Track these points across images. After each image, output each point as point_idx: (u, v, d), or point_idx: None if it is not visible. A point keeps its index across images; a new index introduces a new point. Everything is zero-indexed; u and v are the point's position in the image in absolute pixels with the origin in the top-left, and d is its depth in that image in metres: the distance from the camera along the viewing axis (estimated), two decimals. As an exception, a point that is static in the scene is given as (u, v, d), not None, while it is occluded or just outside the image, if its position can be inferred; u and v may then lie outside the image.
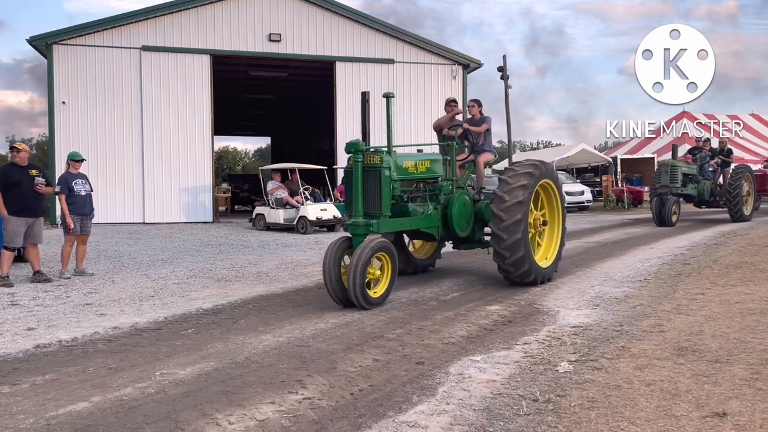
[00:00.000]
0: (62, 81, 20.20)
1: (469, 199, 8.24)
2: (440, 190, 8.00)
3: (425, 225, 7.68)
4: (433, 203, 7.86)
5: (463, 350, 4.99)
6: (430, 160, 7.87)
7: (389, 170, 6.96)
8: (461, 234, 8.05)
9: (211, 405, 3.83)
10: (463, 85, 24.58)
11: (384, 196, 6.89)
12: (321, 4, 22.62)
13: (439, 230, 7.92)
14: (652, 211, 16.96)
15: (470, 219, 8.17)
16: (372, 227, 6.67)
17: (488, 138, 9.14)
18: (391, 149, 7.13)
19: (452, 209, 7.88)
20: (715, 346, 4.93)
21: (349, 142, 6.79)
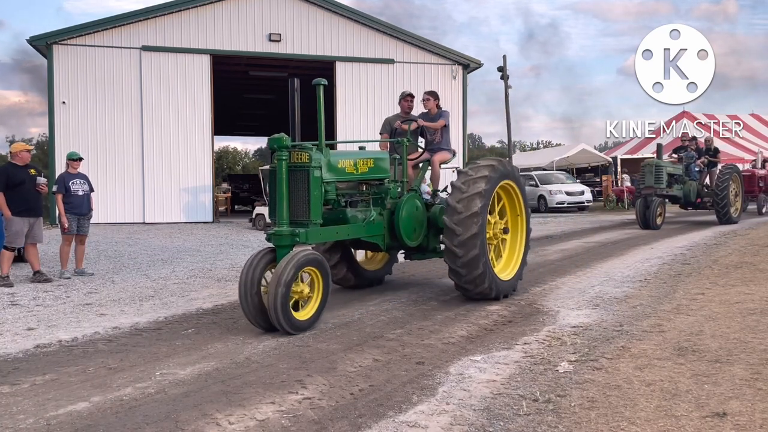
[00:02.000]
0: (62, 81, 20.21)
1: (421, 203, 7.25)
2: (387, 193, 6.94)
3: (366, 233, 6.66)
4: (378, 208, 6.81)
5: (463, 350, 4.99)
6: (373, 158, 6.81)
7: (320, 170, 5.94)
8: (410, 243, 7.05)
9: (211, 405, 3.83)
10: (463, 85, 24.58)
11: (313, 200, 5.85)
12: (321, 4, 22.62)
13: (385, 239, 6.89)
14: (636, 214, 16.25)
15: (422, 226, 7.19)
16: (299, 237, 5.67)
17: (446, 135, 8.23)
18: (322, 146, 6.12)
19: (399, 215, 6.85)
20: (715, 346, 4.93)
21: (271, 138, 5.81)
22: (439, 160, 8.04)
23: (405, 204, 6.95)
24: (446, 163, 8.16)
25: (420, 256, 7.50)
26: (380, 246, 6.92)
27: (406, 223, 6.95)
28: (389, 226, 6.91)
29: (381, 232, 6.82)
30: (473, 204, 6.49)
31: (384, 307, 6.75)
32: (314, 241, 6.03)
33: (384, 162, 6.98)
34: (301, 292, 5.61)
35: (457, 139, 24.75)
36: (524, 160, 40.38)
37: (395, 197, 7.02)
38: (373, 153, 7.01)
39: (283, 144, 5.78)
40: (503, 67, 33.97)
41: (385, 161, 6.99)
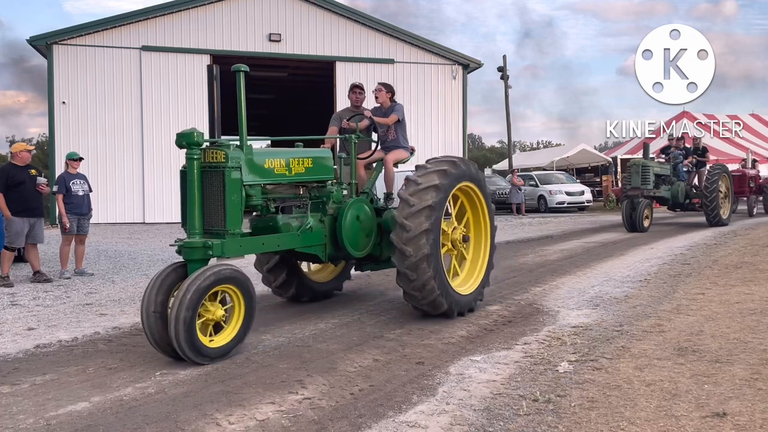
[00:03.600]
0: (62, 81, 20.22)
1: (370, 208, 6.44)
2: (328, 197, 6.15)
3: (302, 244, 5.80)
4: (318, 214, 6.03)
5: (463, 350, 4.99)
6: (312, 157, 5.94)
7: (239, 171, 5.10)
8: (356, 253, 6.25)
9: (211, 405, 3.83)
10: (463, 85, 24.60)
11: (230, 206, 5.01)
12: (321, 4, 22.64)
13: (327, 249, 6.08)
14: (622, 216, 15.52)
15: (371, 233, 6.38)
16: (212, 250, 4.87)
17: (401, 131, 7.34)
18: (243, 142, 5.30)
19: (342, 221, 6.07)
20: (715, 346, 4.93)
21: (179, 133, 4.96)
22: (392, 160, 7.17)
23: (349, 209, 6.15)
24: (403, 162, 7.36)
25: (373, 266, 6.76)
26: (321, 257, 6.10)
27: (351, 230, 6.15)
28: (332, 234, 6.12)
29: (321, 242, 6.01)
30: (427, 196, 5.77)
31: (384, 307, 6.75)
32: (233, 255, 5.09)
33: (326, 161, 6.13)
34: (213, 314, 4.75)
35: (458, 140, 24.83)
36: (524, 160, 40.40)
37: (339, 201, 6.22)
38: (311, 151, 6.07)
39: (193, 140, 4.93)
40: (503, 67, 34.01)
41: (326, 160, 6.15)
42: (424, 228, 5.65)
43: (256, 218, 5.77)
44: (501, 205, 25.90)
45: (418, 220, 5.66)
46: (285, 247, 5.74)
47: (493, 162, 55.26)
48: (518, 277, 8.68)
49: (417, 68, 23.92)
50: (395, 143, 7.28)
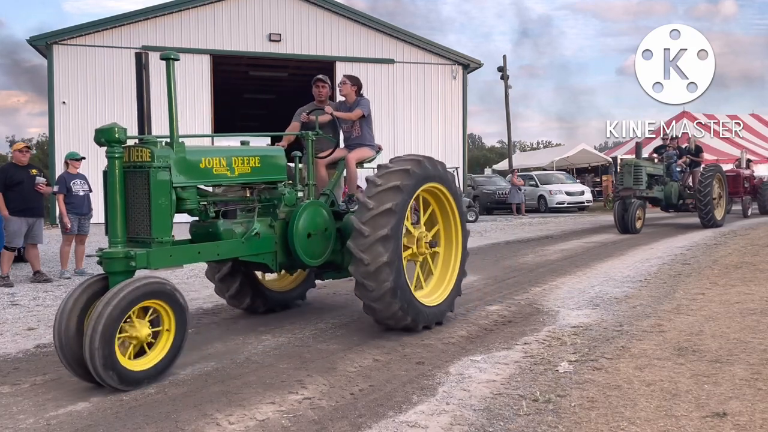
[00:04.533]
0: (62, 81, 20.22)
1: (327, 211, 5.84)
2: (280, 199, 5.51)
3: (247, 252, 5.21)
4: (267, 219, 5.44)
5: (463, 350, 4.99)
6: (260, 156, 5.38)
7: (167, 171, 4.57)
8: (311, 262, 5.63)
9: (211, 405, 3.83)
10: (463, 85, 24.62)
11: (156, 211, 4.47)
12: (321, 4, 22.65)
13: (278, 257, 5.48)
14: (614, 217, 15.15)
15: (328, 239, 5.79)
16: (135, 261, 4.33)
17: (367, 128, 6.78)
18: (174, 139, 4.80)
19: (294, 227, 5.45)
20: (715, 346, 4.93)
21: (98, 129, 4.60)
22: (355, 159, 6.56)
23: (303, 213, 5.54)
24: (368, 161, 6.77)
25: (334, 275, 6.17)
26: (270, 266, 5.52)
27: (304, 236, 5.53)
28: (283, 240, 5.51)
29: (270, 249, 5.40)
30: (387, 198, 5.24)
31: (384, 307, 6.74)
32: (161, 265, 4.60)
33: (276, 160, 5.58)
34: (137, 333, 4.21)
35: (458, 140, 24.84)
36: (524, 160, 40.41)
37: (292, 204, 5.59)
38: (259, 149, 5.55)
39: (113, 137, 4.48)
40: (503, 66, 34.02)
41: (277, 159, 5.60)
42: (383, 233, 5.10)
43: (194, 224, 5.22)
44: (501, 205, 25.93)
45: (377, 225, 5.14)
46: (226, 256, 5.15)
47: (493, 162, 55.26)
48: (518, 277, 8.68)
49: (417, 68, 23.93)
50: (359, 141, 6.72)
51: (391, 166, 5.51)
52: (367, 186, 5.42)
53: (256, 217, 5.33)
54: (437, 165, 5.83)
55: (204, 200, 5.06)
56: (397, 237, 5.25)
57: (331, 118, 6.49)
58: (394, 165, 5.53)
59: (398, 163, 5.58)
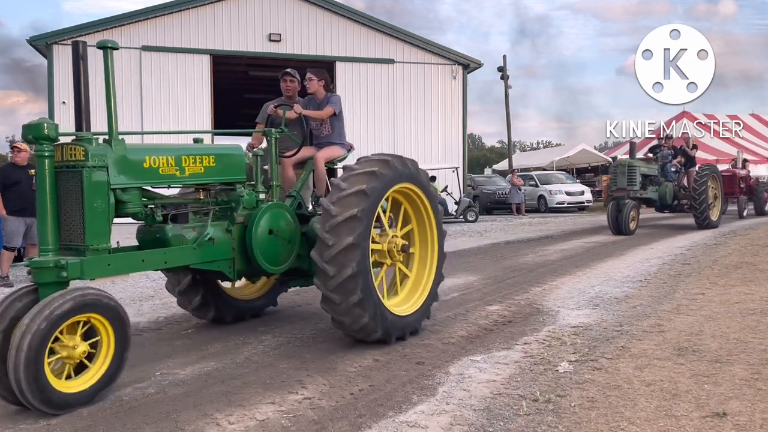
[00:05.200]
0: (62, 81, 20.22)
1: (291, 214, 5.43)
2: (238, 201, 5.12)
3: (200, 259, 4.76)
4: (223, 223, 5.03)
5: (463, 350, 4.99)
6: (214, 154, 4.94)
7: (104, 171, 4.15)
8: (272, 268, 5.21)
9: (211, 405, 3.83)
10: (463, 85, 24.62)
11: (90, 215, 4.06)
12: (321, 4, 22.66)
13: (236, 264, 5.05)
14: (608, 218, 14.84)
15: (292, 244, 5.36)
16: (67, 271, 3.90)
17: (338, 126, 6.40)
18: (113, 136, 4.40)
19: (253, 231, 5.03)
20: (715, 346, 4.93)
21: (26, 125, 4.05)
22: (324, 158, 6.17)
23: (262, 216, 5.11)
24: (339, 161, 6.41)
25: (301, 282, 5.80)
26: (227, 274, 5.06)
27: (264, 241, 5.11)
28: (242, 246, 5.08)
29: (226, 256, 4.97)
30: (351, 203, 4.84)
31: (384, 307, 6.74)
32: (96, 276, 4.14)
33: (234, 159, 5.16)
34: (70, 352, 3.81)
35: (458, 140, 24.84)
36: (524, 160, 40.43)
37: (252, 207, 5.18)
38: (214, 147, 5.20)
39: (42, 134, 4.01)
40: (503, 66, 34.03)
41: (235, 158, 5.18)
42: (348, 243, 4.71)
43: (141, 229, 4.83)
44: (501, 205, 25.94)
45: (342, 234, 4.74)
46: (175, 263, 4.70)
47: (493, 162, 55.31)
48: (518, 277, 8.68)
49: (417, 68, 23.93)
50: (329, 139, 6.34)
51: (357, 168, 5.09)
52: (331, 189, 5.03)
53: (210, 221, 4.90)
54: (408, 164, 5.41)
55: (150, 203, 4.64)
56: (364, 245, 4.84)
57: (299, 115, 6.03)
58: (359, 167, 5.11)
59: (364, 164, 5.15)
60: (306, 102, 6.43)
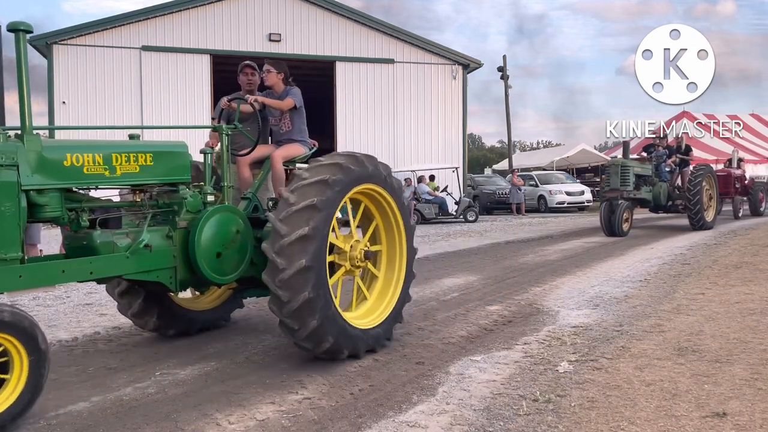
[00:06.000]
0: (62, 81, 20.24)
1: (242, 217, 4.88)
2: (181, 205, 4.58)
3: (134, 269, 4.24)
4: (164, 228, 4.51)
5: (463, 350, 4.99)
6: (152, 152, 4.42)
7: (14, 170, 3.69)
8: (220, 278, 4.70)
9: (211, 405, 3.83)
10: (463, 85, 24.63)
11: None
12: (321, 4, 22.67)
13: (178, 274, 4.52)
14: (600, 219, 14.48)
15: (242, 252, 4.82)
16: None
17: (299, 121, 5.86)
18: (26, 131, 3.84)
19: (196, 237, 4.49)
20: (715, 346, 4.93)
21: None
22: (282, 157, 5.58)
23: (207, 220, 4.57)
24: (300, 160, 5.75)
25: (256, 292, 5.21)
26: (168, 285, 4.52)
27: (209, 248, 4.56)
28: (184, 253, 4.54)
29: (166, 265, 4.44)
30: (302, 220, 4.33)
31: (384, 307, 6.74)
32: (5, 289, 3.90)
33: (177, 158, 4.64)
34: None
35: (458, 140, 24.84)
36: (524, 160, 40.43)
37: (196, 210, 4.63)
38: (152, 144, 4.66)
39: None
40: (503, 66, 34.05)
41: (178, 156, 4.65)
42: (303, 233, 4.26)
43: (68, 236, 4.30)
44: (501, 205, 25.94)
45: (297, 223, 4.30)
46: (103, 274, 4.17)
47: (493, 162, 55.32)
48: (518, 277, 8.68)
49: (417, 68, 23.94)
50: (290, 136, 5.80)
51: (322, 160, 4.73)
52: (292, 179, 4.64)
53: (146, 227, 4.35)
54: (379, 166, 4.97)
55: (73, 206, 4.08)
56: (320, 239, 4.36)
57: (255, 110, 5.48)
58: (325, 159, 4.75)
59: (331, 157, 4.80)
60: (266, 96, 5.87)
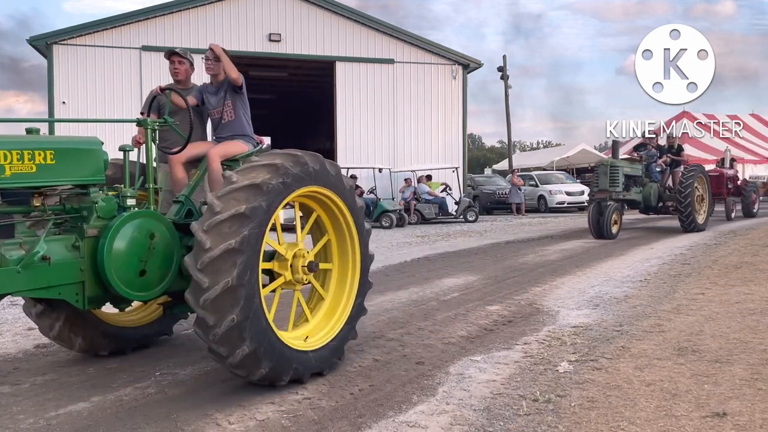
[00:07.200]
0: (62, 81, 20.24)
1: (166, 225, 4.27)
2: (91, 210, 3.98)
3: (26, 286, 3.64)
4: (69, 237, 3.92)
5: (463, 350, 4.99)
6: (52, 149, 3.80)
7: None
8: (138, 296, 4.15)
9: (211, 405, 3.83)
10: (463, 85, 24.61)
11: None
12: (321, 4, 22.65)
13: (86, 289, 3.91)
14: (588, 221, 14.04)
15: (168, 262, 4.21)
16: None
17: (242, 113, 5.24)
18: None
19: (105, 247, 3.89)
20: (715, 346, 4.93)
21: None
22: (220, 155, 4.89)
23: (119, 228, 3.96)
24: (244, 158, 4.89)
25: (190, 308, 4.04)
26: (74, 303, 3.90)
27: (121, 259, 3.96)
28: (94, 266, 3.93)
29: (71, 280, 3.83)
30: (230, 231, 3.79)
31: (384, 307, 6.74)
32: None
33: (87, 156, 4.02)
34: None
35: (458, 140, 24.81)
36: (524, 160, 40.42)
37: (110, 216, 4.02)
38: (54, 141, 4.06)
39: None
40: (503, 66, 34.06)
41: (88, 155, 4.04)
42: (230, 246, 3.72)
43: None
44: (501, 205, 25.94)
45: (223, 235, 3.78)
46: None
47: (493, 162, 55.32)
48: (518, 277, 8.68)
49: (417, 68, 23.92)
50: (232, 130, 5.17)
51: (256, 160, 4.18)
52: (204, 213, 3.97)
53: (44, 236, 3.74)
54: (327, 166, 4.41)
55: None
56: (251, 253, 3.81)
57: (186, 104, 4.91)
58: (260, 158, 4.20)
59: (267, 156, 4.25)
60: (202, 88, 5.37)
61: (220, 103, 5.17)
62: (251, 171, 4.05)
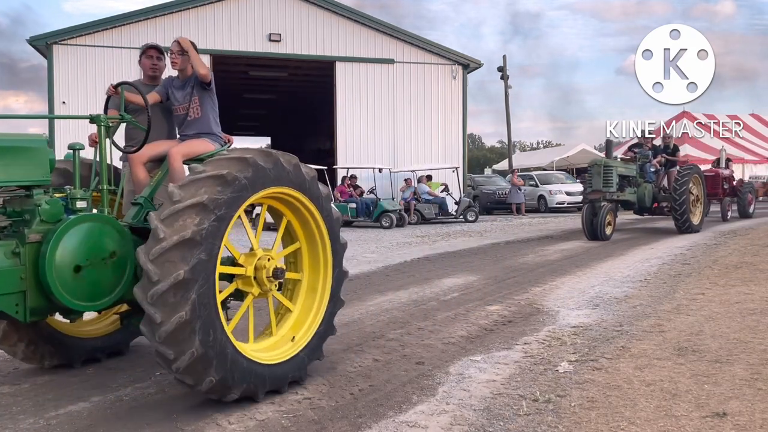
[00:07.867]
0: (62, 81, 20.24)
1: (118, 229, 3.94)
2: (33, 213, 3.69)
3: None
4: (10, 243, 3.59)
5: (463, 350, 4.99)
6: None
7: None
8: (85, 306, 3.83)
9: (211, 405, 3.83)
10: (463, 85, 24.62)
11: None
12: (321, 4, 22.66)
13: (27, 300, 3.60)
14: (582, 222, 13.69)
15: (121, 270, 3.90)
16: None
17: (209, 107, 4.87)
18: None
19: (48, 254, 3.57)
20: (715, 346, 4.93)
21: None
22: (182, 154, 4.54)
23: (63, 233, 3.65)
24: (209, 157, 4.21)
25: None
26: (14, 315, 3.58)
27: (66, 267, 3.64)
28: (35, 273, 3.61)
29: (9, 290, 3.51)
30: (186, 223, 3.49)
31: (384, 307, 6.74)
32: None
33: (29, 155, 3.73)
34: None
35: (458, 140, 24.81)
36: (524, 160, 40.42)
37: (55, 220, 3.72)
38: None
39: None
40: (503, 66, 34.07)
41: (31, 154, 3.75)
42: (185, 236, 3.43)
43: None
44: (501, 205, 25.94)
45: (180, 225, 3.48)
46: None
47: (493, 162, 55.34)
48: (518, 277, 8.68)
49: (417, 68, 23.92)
50: (198, 128, 4.81)
51: (225, 154, 4.00)
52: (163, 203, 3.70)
53: None
54: (300, 168, 4.12)
55: None
56: (208, 247, 3.50)
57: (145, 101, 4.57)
58: (230, 153, 4.02)
59: (239, 151, 4.04)
60: (167, 83, 5.03)
61: (187, 99, 4.84)
62: (220, 163, 3.81)
